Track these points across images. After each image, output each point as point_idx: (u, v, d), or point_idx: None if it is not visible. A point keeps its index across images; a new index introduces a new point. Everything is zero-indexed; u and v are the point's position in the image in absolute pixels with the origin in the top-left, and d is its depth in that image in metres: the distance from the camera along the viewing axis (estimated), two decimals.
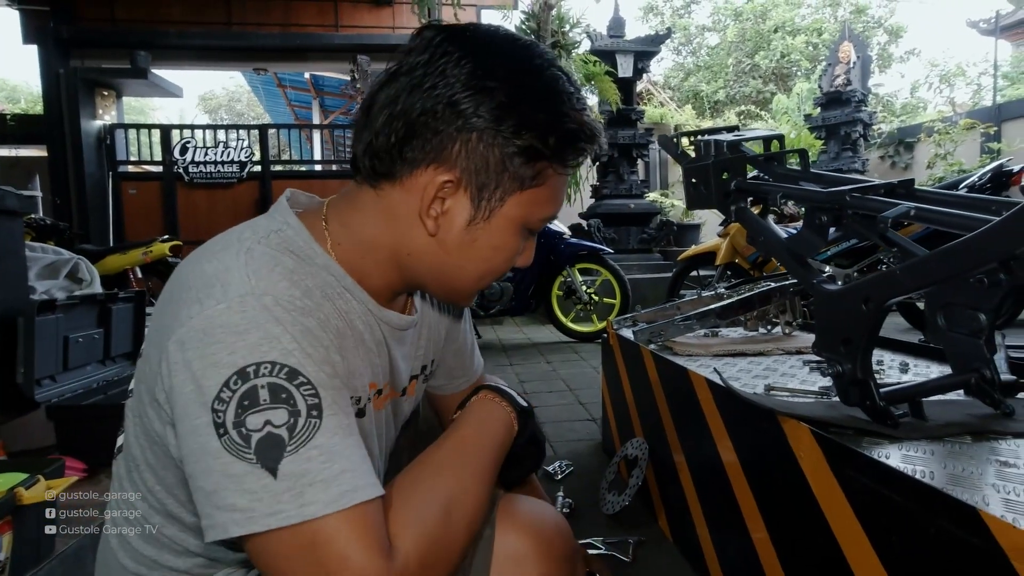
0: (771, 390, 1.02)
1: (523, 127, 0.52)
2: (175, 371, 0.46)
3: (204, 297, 0.47)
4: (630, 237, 6.02)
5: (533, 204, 0.56)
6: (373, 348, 0.60)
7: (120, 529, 0.59)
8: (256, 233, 0.54)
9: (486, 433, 0.60)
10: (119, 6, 6.74)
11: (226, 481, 0.44)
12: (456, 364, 0.79)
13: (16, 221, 1.51)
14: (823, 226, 0.94)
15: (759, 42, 15.02)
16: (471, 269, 0.58)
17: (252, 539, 0.44)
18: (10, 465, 1.00)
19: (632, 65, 5.92)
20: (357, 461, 0.47)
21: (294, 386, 0.45)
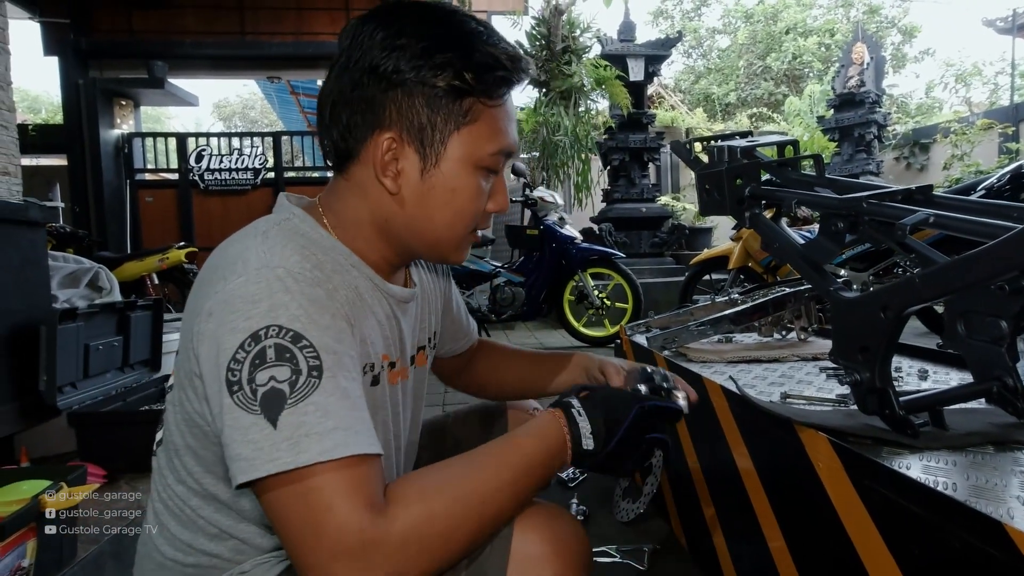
0: (787, 398, 1.02)
1: (439, 69, 0.57)
2: (203, 340, 0.51)
3: (228, 274, 0.52)
4: (642, 241, 6.00)
5: (476, 140, 0.60)
6: (384, 321, 0.64)
7: (160, 517, 0.62)
8: (268, 222, 0.60)
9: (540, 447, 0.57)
10: (136, 17, 6.85)
11: (236, 434, 0.47)
12: (456, 328, 0.87)
13: (39, 232, 1.54)
14: (839, 233, 0.93)
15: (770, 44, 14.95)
16: (439, 218, 0.61)
17: (259, 488, 0.47)
18: (33, 472, 1.02)
19: (643, 69, 5.91)
20: (351, 420, 0.49)
21: (297, 348, 0.49)
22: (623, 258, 4.15)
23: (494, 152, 0.61)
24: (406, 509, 0.47)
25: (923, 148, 8.53)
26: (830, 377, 1.18)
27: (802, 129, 8.61)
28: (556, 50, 5.58)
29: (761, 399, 0.99)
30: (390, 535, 0.46)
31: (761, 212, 1.13)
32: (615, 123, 6.11)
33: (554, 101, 5.55)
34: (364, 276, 0.62)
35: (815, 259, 0.95)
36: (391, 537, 0.46)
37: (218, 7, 6.99)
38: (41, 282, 1.57)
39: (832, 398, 0.99)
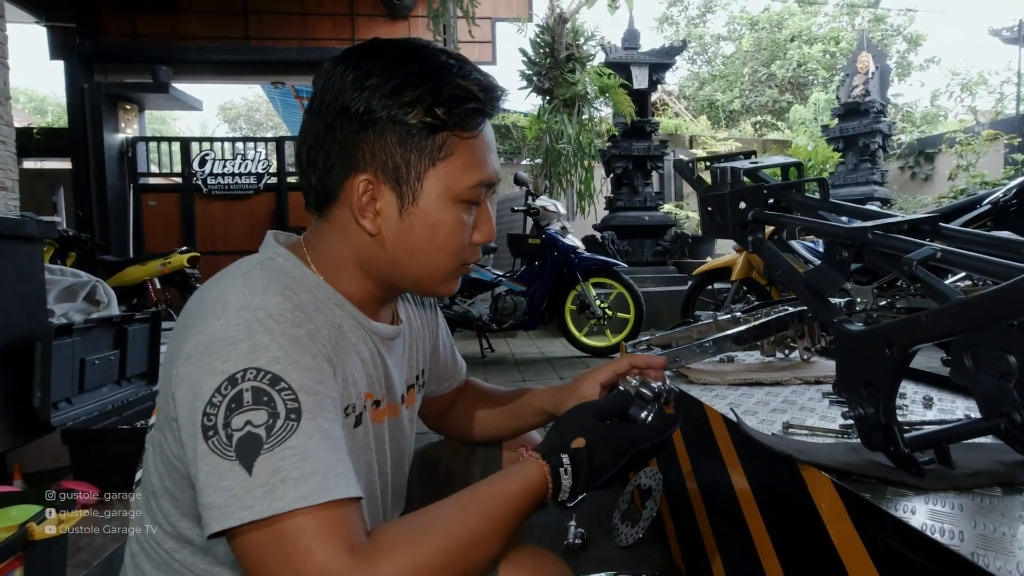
0: (789, 427, 1.00)
1: (409, 106, 0.57)
2: (180, 383, 0.50)
3: (207, 316, 0.52)
4: (644, 249, 5.98)
5: (452, 174, 0.59)
6: (368, 359, 0.63)
7: (136, 559, 0.61)
8: (251, 263, 0.60)
9: (526, 498, 0.56)
10: (141, 22, 6.88)
11: (210, 480, 0.46)
12: (442, 369, 0.85)
13: (36, 246, 1.54)
14: (843, 262, 0.91)
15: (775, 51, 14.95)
16: (422, 255, 0.61)
17: (232, 535, 0.46)
18: (23, 496, 1.01)
19: (647, 77, 5.90)
20: (331, 463, 0.48)
21: (275, 391, 0.48)
22: (625, 268, 4.13)
23: (473, 185, 0.60)
24: (392, 557, 0.46)
25: (928, 158, 8.50)
26: (833, 404, 1.16)
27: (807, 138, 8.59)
28: (560, 58, 5.57)
29: (763, 431, 0.97)
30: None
31: (765, 236, 1.12)
32: (618, 131, 6.10)
33: (557, 109, 5.55)
34: (348, 314, 0.62)
35: (819, 288, 0.94)
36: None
37: (223, 12, 7.02)
38: (37, 297, 1.57)
39: (835, 428, 0.97)
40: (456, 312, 4.11)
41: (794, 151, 5.15)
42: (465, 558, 0.50)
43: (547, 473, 0.58)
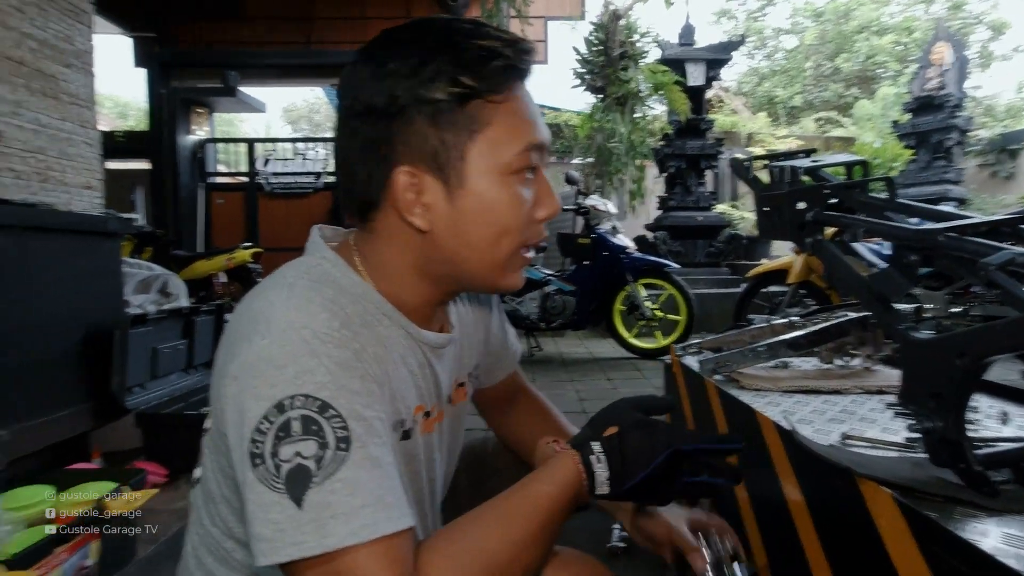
0: (848, 439, 0.95)
1: (432, 81, 0.52)
2: (227, 403, 0.49)
3: (251, 333, 0.50)
4: (697, 250, 5.83)
5: (496, 144, 0.54)
6: (416, 371, 0.61)
7: (197, 551, 0.62)
8: (298, 269, 0.56)
9: (562, 495, 0.54)
10: (213, 30, 7.26)
11: (257, 510, 0.45)
12: (494, 361, 0.81)
13: (115, 242, 1.65)
14: (911, 266, 0.87)
15: (841, 44, 14.22)
16: (481, 241, 0.56)
17: (286, 568, 0.45)
18: (100, 474, 1.09)
19: (703, 73, 5.75)
20: (381, 494, 0.47)
21: (324, 419, 0.46)
22: (676, 269, 4.04)
23: (520, 150, 0.55)
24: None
25: (1011, 155, 7.89)
26: (898, 416, 1.10)
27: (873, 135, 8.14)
28: (613, 55, 5.51)
29: (818, 441, 0.93)
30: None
31: (824, 238, 1.07)
32: (672, 129, 5.97)
33: (610, 107, 5.48)
34: (397, 325, 0.58)
35: (883, 293, 0.89)
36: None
37: (287, 19, 7.31)
38: (116, 289, 1.69)
39: (899, 441, 0.92)
40: (504, 310, 4.13)
41: (859, 148, 4.89)
42: (510, 569, 0.49)
43: (578, 463, 0.55)
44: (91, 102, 1.65)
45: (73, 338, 1.54)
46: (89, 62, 1.65)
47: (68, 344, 1.53)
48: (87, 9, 1.64)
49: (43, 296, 1.45)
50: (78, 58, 1.61)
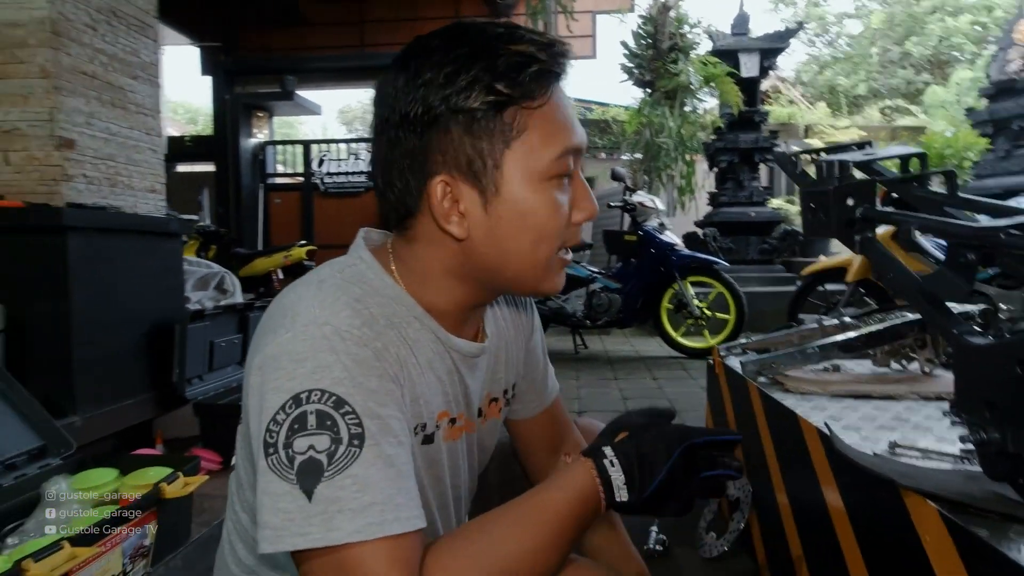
0: (896, 448, 0.90)
1: (467, 90, 0.52)
2: (251, 393, 0.50)
3: (278, 326, 0.51)
4: (749, 247, 5.64)
5: (532, 152, 0.54)
6: (444, 377, 0.60)
7: (230, 536, 0.65)
8: (332, 268, 0.58)
9: (576, 503, 0.54)
10: (273, 37, 7.58)
11: (266, 499, 0.46)
12: (528, 388, 0.79)
13: (177, 242, 1.76)
14: (969, 265, 0.81)
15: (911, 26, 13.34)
16: (517, 248, 0.56)
17: (295, 557, 0.47)
18: (158, 459, 1.17)
19: (757, 64, 5.54)
20: (391, 493, 0.47)
21: (339, 414, 0.47)
22: (726, 266, 3.92)
23: (556, 156, 0.54)
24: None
25: None
26: (955, 424, 1.03)
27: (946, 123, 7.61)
28: (662, 48, 5.38)
29: (864, 449, 0.89)
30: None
31: (874, 236, 1.02)
32: (724, 122, 5.78)
33: (658, 101, 5.37)
34: (427, 329, 0.59)
35: (938, 295, 0.84)
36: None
37: (342, 23, 7.55)
38: (178, 286, 1.80)
39: (954, 452, 0.86)
40: (550, 308, 4.12)
41: (929, 138, 4.59)
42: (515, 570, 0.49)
43: (591, 469, 0.55)
44: (156, 111, 1.76)
45: (139, 332, 1.66)
46: (155, 74, 1.76)
47: (134, 338, 1.65)
48: (152, 24, 1.75)
49: (112, 293, 1.56)
50: (144, 70, 1.73)
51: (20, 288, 1.43)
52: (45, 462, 1.16)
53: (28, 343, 1.42)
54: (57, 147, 1.45)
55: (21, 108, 1.46)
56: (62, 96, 1.46)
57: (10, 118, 1.47)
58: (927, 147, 4.61)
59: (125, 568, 0.96)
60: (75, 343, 1.45)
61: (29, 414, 1.20)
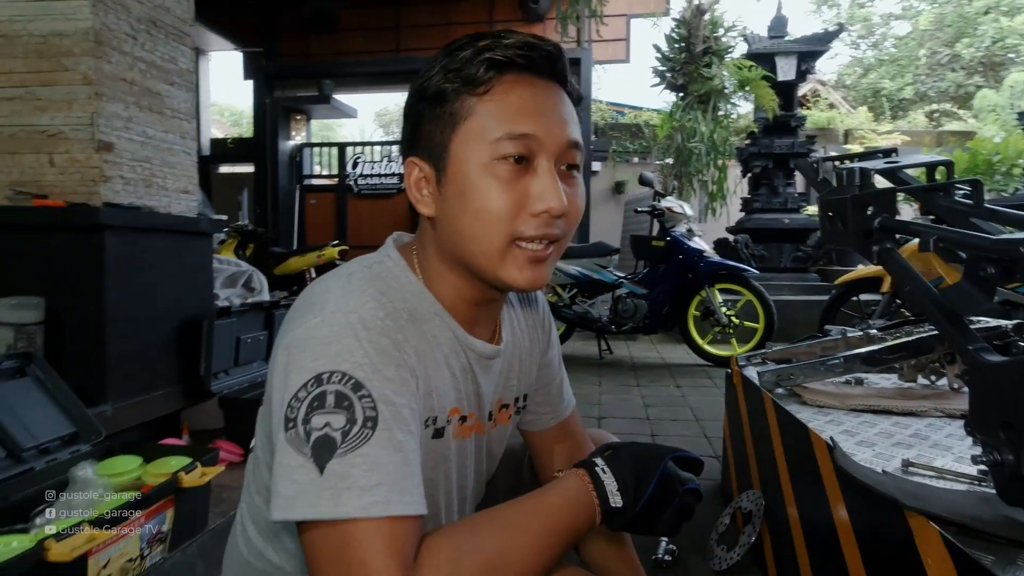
0: (910, 466, 0.87)
1: (428, 81, 0.58)
2: (276, 372, 0.53)
3: (307, 313, 0.55)
4: (783, 255, 5.49)
5: (474, 136, 0.56)
6: (458, 374, 0.63)
7: (243, 519, 0.68)
8: (361, 263, 0.62)
9: (569, 509, 0.56)
10: (311, 43, 7.79)
11: (282, 470, 0.49)
12: (543, 401, 0.80)
13: (207, 241, 1.83)
14: (988, 280, 0.79)
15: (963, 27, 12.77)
16: (463, 227, 0.57)
17: (299, 526, 0.49)
18: (179, 450, 1.21)
19: (794, 67, 5.40)
20: (398, 477, 0.49)
21: (356, 396, 0.50)
22: (755, 274, 3.84)
23: (497, 139, 0.55)
24: (436, 573, 0.48)
25: None
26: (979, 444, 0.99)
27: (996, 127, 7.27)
28: (696, 52, 5.31)
29: (874, 466, 0.86)
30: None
31: (894, 247, 0.99)
32: (758, 127, 5.66)
33: (691, 105, 5.29)
34: (446, 327, 0.62)
35: (955, 309, 0.81)
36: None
37: (378, 29, 7.69)
38: (207, 283, 1.87)
39: (972, 473, 0.83)
40: (576, 312, 4.11)
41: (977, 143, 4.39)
42: (501, 567, 0.50)
43: (584, 476, 0.57)
44: (190, 115, 1.83)
45: (169, 327, 1.73)
46: (190, 80, 1.83)
47: (165, 332, 1.72)
48: (189, 32, 1.83)
49: (144, 289, 1.64)
50: (180, 76, 1.80)
51: (60, 283, 1.51)
52: (76, 448, 1.23)
53: (65, 335, 1.50)
54: (97, 150, 1.53)
55: (65, 113, 1.54)
56: (103, 102, 1.54)
57: (55, 122, 1.55)
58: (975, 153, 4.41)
59: (143, 552, 1.01)
60: (109, 336, 1.52)
61: (64, 402, 1.27)
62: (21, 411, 1.18)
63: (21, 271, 1.54)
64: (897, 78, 13.37)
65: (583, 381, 3.45)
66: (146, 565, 1.02)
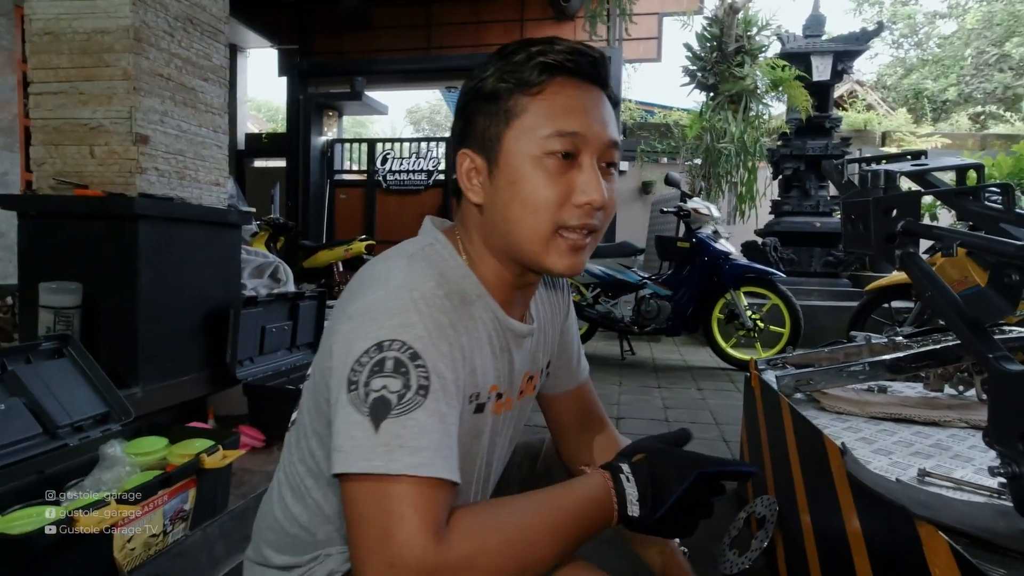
0: (926, 476, 0.86)
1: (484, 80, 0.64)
2: (339, 339, 0.57)
3: (372, 287, 0.60)
4: (813, 259, 5.36)
5: (525, 132, 0.61)
6: (498, 353, 0.67)
7: (280, 486, 0.72)
8: (416, 245, 0.66)
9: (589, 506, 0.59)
10: (345, 40, 7.91)
11: (342, 427, 0.53)
12: (563, 365, 0.85)
13: (236, 232, 1.89)
14: (1013, 287, 0.77)
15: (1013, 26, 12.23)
16: (511, 214, 0.62)
17: (346, 480, 0.52)
18: (204, 433, 1.26)
19: (829, 67, 5.26)
20: (441, 445, 0.53)
21: (413, 365, 0.54)
22: (782, 278, 3.76)
23: (547, 135, 0.60)
24: (464, 541, 0.50)
25: None
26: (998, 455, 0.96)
27: None
28: (728, 51, 5.22)
29: (888, 475, 0.85)
30: (446, 562, 0.49)
31: (917, 252, 0.96)
32: (791, 128, 5.53)
33: (722, 106, 5.21)
34: (488, 308, 0.66)
35: (977, 317, 0.79)
36: (447, 564, 0.49)
37: (410, 27, 7.76)
38: (235, 273, 1.92)
39: (991, 486, 0.81)
40: (599, 312, 4.09)
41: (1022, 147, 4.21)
42: (523, 555, 0.53)
43: (608, 479, 0.60)
44: (223, 110, 1.89)
45: (198, 314, 1.79)
46: (223, 76, 1.89)
47: (194, 319, 1.78)
48: (224, 30, 1.88)
49: (175, 277, 1.70)
50: (214, 72, 1.86)
51: (97, 269, 1.58)
52: (107, 427, 1.28)
53: (100, 319, 1.57)
54: (134, 142, 1.59)
55: (106, 107, 1.60)
56: (140, 96, 1.60)
57: (96, 116, 1.62)
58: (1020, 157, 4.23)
59: (165, 529, 1.05)
60: (141, 321, 1.58)
61: (97, 383, 1.33)
62: (57, 390, 1.24)
63: (61, 257, 1.61)
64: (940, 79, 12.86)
65: (604, 381, 3.44)
66: (168, 541, 1.07)
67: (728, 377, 3.67)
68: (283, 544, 0.69)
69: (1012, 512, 0.69)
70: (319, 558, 0.68)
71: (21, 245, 1.65)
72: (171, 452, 1.18)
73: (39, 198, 1.64)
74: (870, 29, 5.39)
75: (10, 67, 3.73)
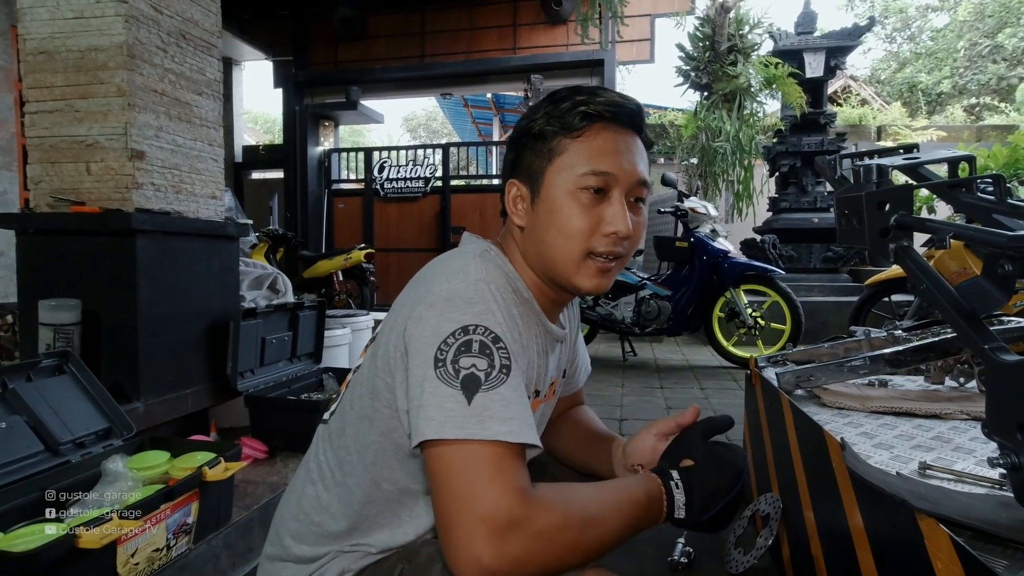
0: (927, 469, 0.86)
1: (533, 122, 0.72)
2: (419, 323, 0.62)
3: (450, 278, 0.65)
4: (812, 255, 5.37)
5: (565, 169, 0.69)
6: (540, 354, 0.74)
7: (310, 473, 0.76)
8: (481, 247, 0.74)
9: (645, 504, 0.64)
10: (340, 50, 7.94)
11: (432, 399, 0.58)
12: (572, 372, 0.93)
13: (234, 244, 1.89)
14: (1007, 277, 0.77)
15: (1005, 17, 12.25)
16: (549, 238, 0.70)
17: (433, 447, 0.57)
18: (205, 445, 1.26)
19: (822, 64, 5.28)
20: (524, 416, 0.59)
21: (495, 347, 0.60)
22: (781, 275, 3.77)
23: (581, 174, 0.68)
24: (550, 510, 0.55)
25: None
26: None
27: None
28: (720, 50, 5.23)
29: (889, 468, 0.85)
30: (530, 525, 0.53)
31: (910, 245, 0.97)
32: (785, 125, 5.54)
33: (716, 105, 5.22)
34: (533, 312, 0.73)
35: (971, 307, 0.79)
36: (531, 528, 0.53)
37: (405, 35, 7.79)
38: (233, 285, 1.92)
39: (992, 477, 0.81)
40: (599, 314, 4.09)
41: (1018, 137, 4.21)
42: (593, 532, 0.58)
43: (660, 485, 0.66)
44: (218, 124, 1.89)
45: (198, 327, 1.79)
46: (217, 90, 1.90)
47: (194, 332, 1.78)
48: (216, 43, 1.89)
49: (174, 290, 1.70)
50: (208, 87, 1.86)
51: (96, 285, 1.58)
52: (109, 442, 1.28)
53: (100, 334, 1.57)
54: (130, 158, 1.60)
55: (101, 124, 1.61)
56: (135, 112, 1.60)
57: (92, 133, 1.62)
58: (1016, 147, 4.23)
59: (169, 543, 1.05)
60: (140, 336, 1.58)
61: (98, 398, 1.33)
62: (59, 407, 1.24)
63: (60, 274, 1.61)
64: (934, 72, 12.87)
65: (606, 383, 3.44)
66: (172, 555, 1.07)
67: (730, 375, 3.66)
68: (304, 533, 0.72)
69: (1013, 503, 0.69)
70: (332, 554, 0.70)
71: (20, 263, 1.66)
72: (173, 466, 1.18)
73: (36, 216, 1.65)
74: (862, 24, 5.40)
75: (7, 86, 3.75)
